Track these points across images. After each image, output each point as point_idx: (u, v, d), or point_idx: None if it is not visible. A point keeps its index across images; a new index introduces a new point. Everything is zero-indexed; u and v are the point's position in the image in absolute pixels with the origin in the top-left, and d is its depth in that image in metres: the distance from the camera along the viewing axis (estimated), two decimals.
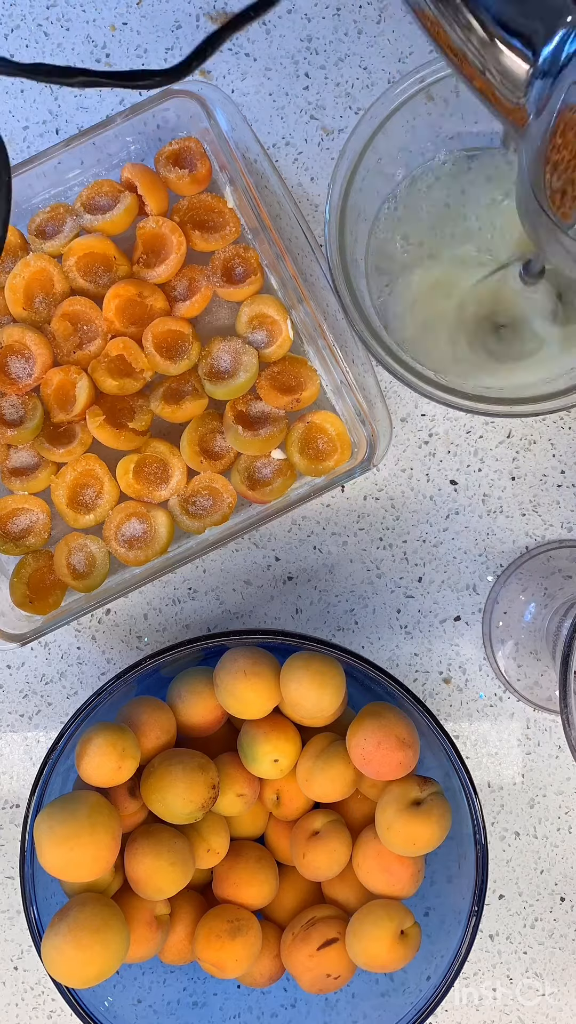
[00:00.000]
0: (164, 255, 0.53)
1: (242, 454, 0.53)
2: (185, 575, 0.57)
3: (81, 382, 0.52)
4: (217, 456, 0.53)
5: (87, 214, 0.52)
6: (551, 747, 0.57)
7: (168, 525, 0.53)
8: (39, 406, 0.53)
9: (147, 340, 0.52)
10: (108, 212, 0.52)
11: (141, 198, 0.52)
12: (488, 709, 0.57)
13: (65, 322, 0.52)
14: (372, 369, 0.53)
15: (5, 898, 0.58)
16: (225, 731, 0.53)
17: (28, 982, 0.58)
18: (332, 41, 0.57)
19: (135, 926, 0.47)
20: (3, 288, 0.53)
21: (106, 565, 0.53)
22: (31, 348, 0.52)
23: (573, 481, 0.56)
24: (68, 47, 0.57)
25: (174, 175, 0.52)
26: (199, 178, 0.53)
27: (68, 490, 0.53)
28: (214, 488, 0.53)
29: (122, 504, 0.53)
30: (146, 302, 0.53)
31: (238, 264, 0.53)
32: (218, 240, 0.53)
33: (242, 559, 0.57)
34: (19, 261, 0.52)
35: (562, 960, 0.57)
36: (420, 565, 0.57)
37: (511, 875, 0.57)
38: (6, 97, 0.57)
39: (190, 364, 0.53)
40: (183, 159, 0.53)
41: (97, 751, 0.46)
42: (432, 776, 0.49)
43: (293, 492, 0.53)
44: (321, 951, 0.48)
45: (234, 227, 0.53)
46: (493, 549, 0.57)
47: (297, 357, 0.54)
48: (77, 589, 0.53)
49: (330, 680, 0.48)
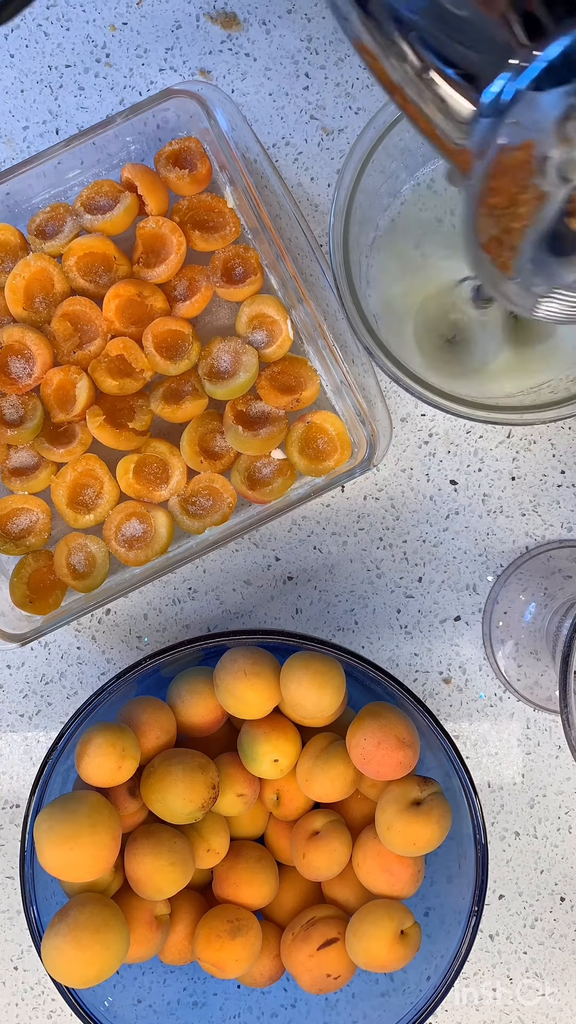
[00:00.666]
0: (164, 255, 0.53)
1: (242, 454, 0.53)
2: (185, 575, 0.57)
3: (81, 382, 0.52)
4: (217, 456, 0.53)
5: (87, 214, 0.52)
6: (551, 747, 0.57)
7: (168, 525, 0.53)
8: (39, 406, 0.53)
9: (147, 340, 0.52)
10: (108, 212, 0.52)
11: (141, 198, 0.52)
12: (488, 709, 0.57)
13: (65, 322, 0.52)
14: (372, 369, 0.53)
15: (5, 898, 0.58)
16: (225, 731, 0.53)
17: (28, 982, 0.58)
18: (332, 41, 0.57)
19: (135, 926, 0.47)
20: (3, 288, 0.53)
21: (106, 565, 0.53)
22: (31, 348, 0.52)
23: (573, 481, 0.56)
24: (68, 47, 0.57)
25: (174, 175, 0.52)
26: (199, 178, 0.53)
27: (68, 490, 0.53)
28: (214, 488, 0.53)
29: (122, 504, 0.53)
30: (146, 302, 0.53)
31: (238, 264, 0.53)
32: (218, 240, 0.53)
33: (242, 559, 0.57)
34: (19, 261, 0.52)
35: (562, 960, 0.57)
36: (420, 565, 0.57)
37: (511, 875, 0.57)
38: (6, 97, 0.57)
39: (190, 364, 0.53)
40: (183, 159, 0.53)
41: (97, 751, 0.46)
42: (432, 776, 0.49)
43: (293, 492, 0.53)
44: (321, 951, 0.48)
45: (234, 227, 0.53)
46: (493, 549, 0.57)
47: (297, 357, 0.54)
48: (77, 589, 0.53)
49: (330, 680, 0.48)
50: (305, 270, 0.51)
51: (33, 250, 0.53)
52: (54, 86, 0.57)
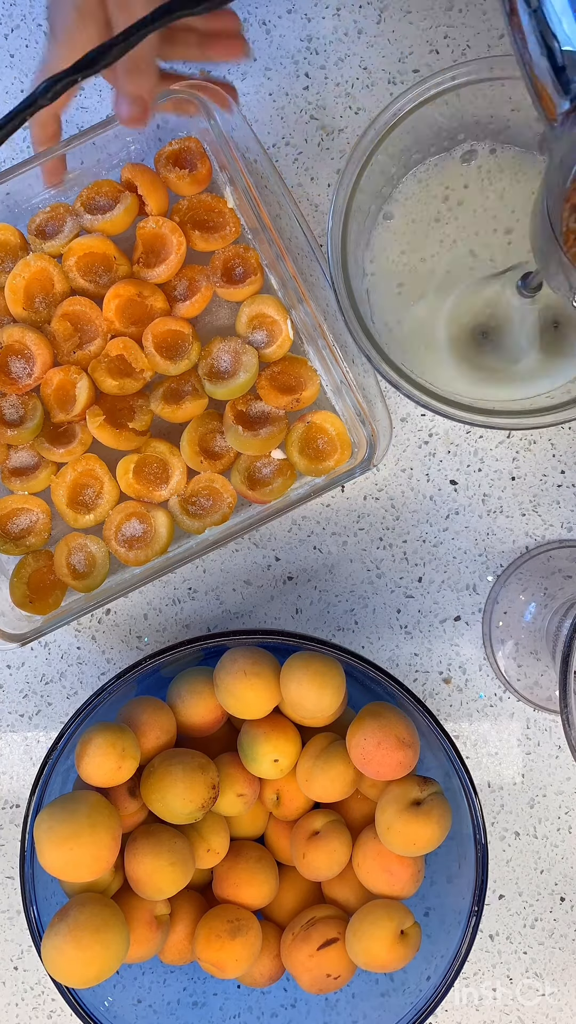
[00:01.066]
0: (164, 255, 0.53)
1: (242, 454, 0.53)
2: (185, 575, 0.57)
3: (81, 382, 0.52)
4: (217, 456, 0.53)
5: (87, 214, 0.52)
6: (551, 747, 0.57)
7: (168, 525, 0.53)
8: (39, 406, 0.53)
9: (147, 340, 0.52)
10: (108, 212, 0.52)
11: (141, 198, 0.52)
12: (488, 709, 0.57)
13: (65, 322, 0.52)
14: (372, 369, 0.53)
15: (5, 898, 0.58)
16: (225, 731, 0.53)
17: (28, 982, 0.58)
18: (332, 41, 0.57)
19: (135, 926, 0.47)
20: (3, 288, 0.53)
21: (106, 565, 0.53)
22: (31, 348, 0.52)
23: (573, 481, 0.56)
24: None
25: (174, 175, 0.52)
26: (199, 178, 0.53)
27: (68, 490, 0.53)
28: (214, 488, 0.53)
29: (122, 504, 0.53)
30: (146, 302, 0.53)
31: (238, 264, 0.53)
32: (218, 240, 0.53)
33: (242, 559, 0.57)
34: (19, 261, 0.52)
35: (562, 960, 0.57)
36: (420, 565, 0.57)
37: (511, 875, 0.57)
38: (6, 97, 0.57)
39: (190, 364, 0.53)
40: (183, 159, 0.53)
41: (97, 751, 0.46)
42: (432, 776, 0.49)
43: (293, 492, 0.53)
44: (321, 951, 0.48)
45: (234, 227, 0.53)
46: (493, 549, 0.57)
47: (297, 357, 0.54)
48: (77, 589, 0.53)
49: (330, 680, 0.48)
50: (305, 270, 0.51)
51: (33, 250, 0.53)
52: None
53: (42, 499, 0.54)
